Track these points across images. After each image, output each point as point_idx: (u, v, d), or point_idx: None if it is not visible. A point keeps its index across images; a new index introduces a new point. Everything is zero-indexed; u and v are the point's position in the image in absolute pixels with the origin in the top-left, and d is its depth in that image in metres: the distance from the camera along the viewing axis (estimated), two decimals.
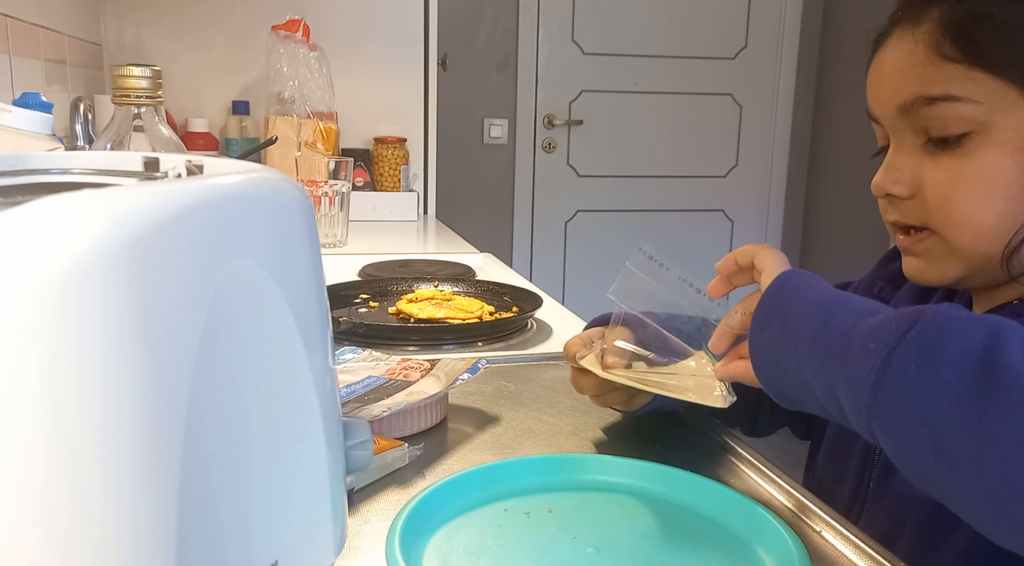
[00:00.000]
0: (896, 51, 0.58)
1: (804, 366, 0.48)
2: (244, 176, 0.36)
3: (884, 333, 0.44)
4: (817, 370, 0.47)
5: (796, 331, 0.48)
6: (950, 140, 0.55)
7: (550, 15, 3.15)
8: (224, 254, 0.33)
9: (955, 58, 0.54)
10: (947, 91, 0.55)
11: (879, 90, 0.60)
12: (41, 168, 0.43)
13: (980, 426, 0.40)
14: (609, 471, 0.56)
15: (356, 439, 0.45)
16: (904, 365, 0.42)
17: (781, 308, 0.50)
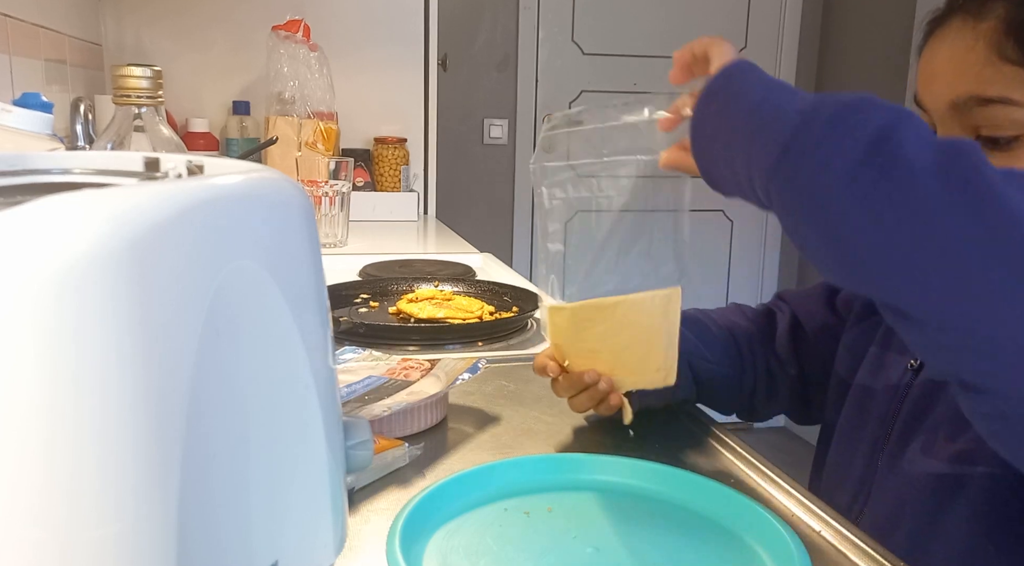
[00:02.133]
0: (953, 44, 0.57)
1: (734, 139, 0.49)
2: (244, 176, 0.36)
3: (810, 106, 0.45)
4: (742, 141, 0.48)
5: (734, 107, 0.49)
6: (1000, 141, 0.55)
7: (550, 15, 3.15)
8: (224, 254, 0.33)
9: (1016, 61, 0.54)
10: (1004, 94, 0.54)
11: (932, 82, 0.59)
12: (41, 168, 0.43)
13: (854, 184, 0.42)
14: (609, 471, 0.56)
15: (356, 439, 0.45)
16: (813, 129, 0.44)
17: (724, 88, 0.50)
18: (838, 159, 0.43)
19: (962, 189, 0.41)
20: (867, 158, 0.42)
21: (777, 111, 0.46)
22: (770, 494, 0.57)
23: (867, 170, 0.42)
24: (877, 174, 0.42)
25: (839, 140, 0.43)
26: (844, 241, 0.43)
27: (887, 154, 0.42)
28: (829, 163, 0.43)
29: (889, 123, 0.43)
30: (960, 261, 0.41)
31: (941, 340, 0.43)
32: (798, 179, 0.44)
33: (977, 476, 0.56)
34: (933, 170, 0.41)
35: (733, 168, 0.49)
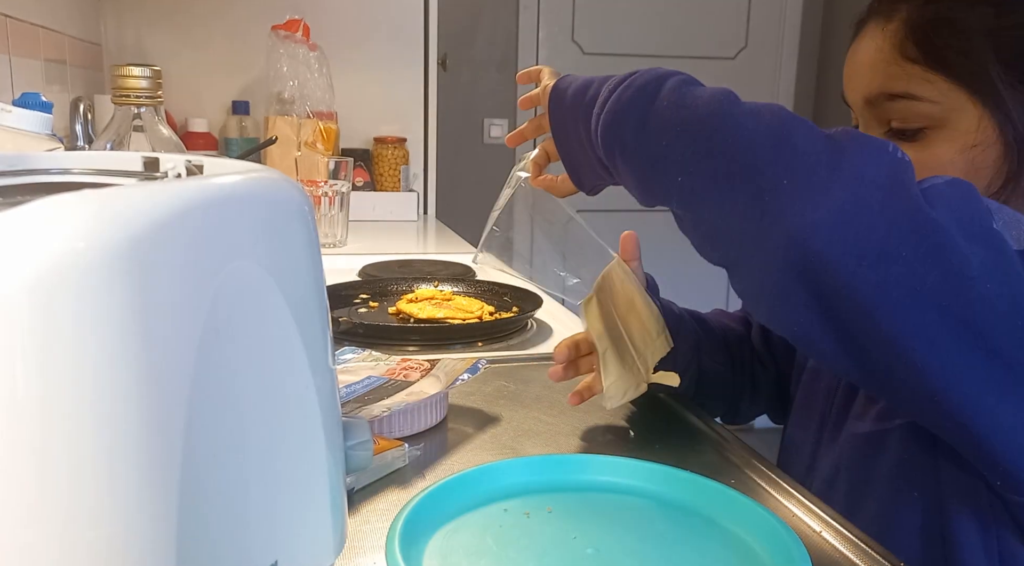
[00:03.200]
0: (867, 44, 0.62)
1: (576, 129, 0.61)
2: (244, 176, 0.36)
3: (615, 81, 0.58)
4: (585, 127, 0.59)
5: (570, 110, 0.61)
6: (908, 132, 0.60)
7: (550, 15, 3.15)
8: (224, 254, 0.33)
9: (916, 59, 0.58)
10: (907, 90, 0.59)
11: (851, 79, 0.64)
12: (41, 168, 0.43)
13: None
14: (609, 471, 0.56)
15: (356, 439, 0.45)
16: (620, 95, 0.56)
17: (560, 99, 0.63)
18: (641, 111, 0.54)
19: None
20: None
21: (592, 91, 0.59)
22: (770, 494, 0.57)
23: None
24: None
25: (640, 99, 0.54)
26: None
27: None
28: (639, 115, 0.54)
29: (667, 78, 0.55)
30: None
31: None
32: (616, 136, 0.55)
33: (895, 430, 0.61)
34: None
35: (587, 153, 0.60)
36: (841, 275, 0.45)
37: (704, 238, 0.52)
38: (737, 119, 0.49)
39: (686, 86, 0.53)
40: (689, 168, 0.50)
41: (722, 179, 0.48)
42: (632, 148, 0.54)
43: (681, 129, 0.50)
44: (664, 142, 0.51)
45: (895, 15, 0.60)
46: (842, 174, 0.45)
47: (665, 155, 0.51)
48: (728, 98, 0.51)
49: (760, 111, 0.49)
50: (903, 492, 0.60)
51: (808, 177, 0.46)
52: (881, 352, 0.46)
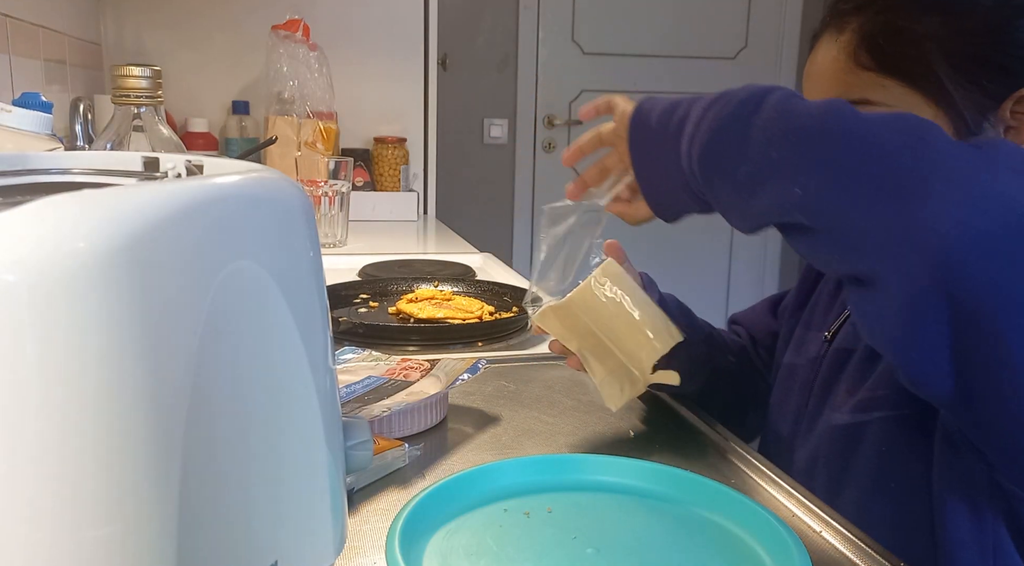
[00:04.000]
0: (823, 55, 0.65)
1: (662, 154, 0.57)
2: (244, 176, 0.36)
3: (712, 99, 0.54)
4: (668, 150, 0.56)
5: (656, 134, 0.58)
6: None
7: (550, 15, 3.15)
8: (224, 254, 0.33)
9: (870, 66, 0.61)
10: (863, 96, 0.61)
11: (810, 91, 0.67)
12: (41, 168, 0.43)
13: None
14: (609, 471, 0.56)
15: (356, 439, 0.45)
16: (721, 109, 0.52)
17: (644, 124, 0.60)
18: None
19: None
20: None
21: (686, 111, 0.55)
22: (770, 494, 0.57)
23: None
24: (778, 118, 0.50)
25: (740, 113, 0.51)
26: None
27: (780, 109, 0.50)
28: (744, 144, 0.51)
29: (769, 92, 0.51)
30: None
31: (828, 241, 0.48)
32: (719, 164, 0.53)
33: (874, 422, 0.61)
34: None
35: (673, 179, 0.56)
36: (991, 295, 0.42)
37: (834, 249, 0.49)
38: (865, 123, 0.47)
39: (790, 98, 0.51)
40: (814, 175, 0.47)
41: (858, 185, 0.46)
42: (735, 164, 0.51)
43: (798, 137, 0.48)
44: (776, 153, 0.49)
45: (847, 27, 0.62)
46: (1002, 186, 0.44)
47: (778, 166, 0.48)
48: (845, 105, 0.49)
49: (885, 115, 0.48)
50: (880, 483, 0.61)
51: (965, 182, 0.43)
52: (1005, 409, 0.45)
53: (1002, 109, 0.59)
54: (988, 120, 0.59)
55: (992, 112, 0.59)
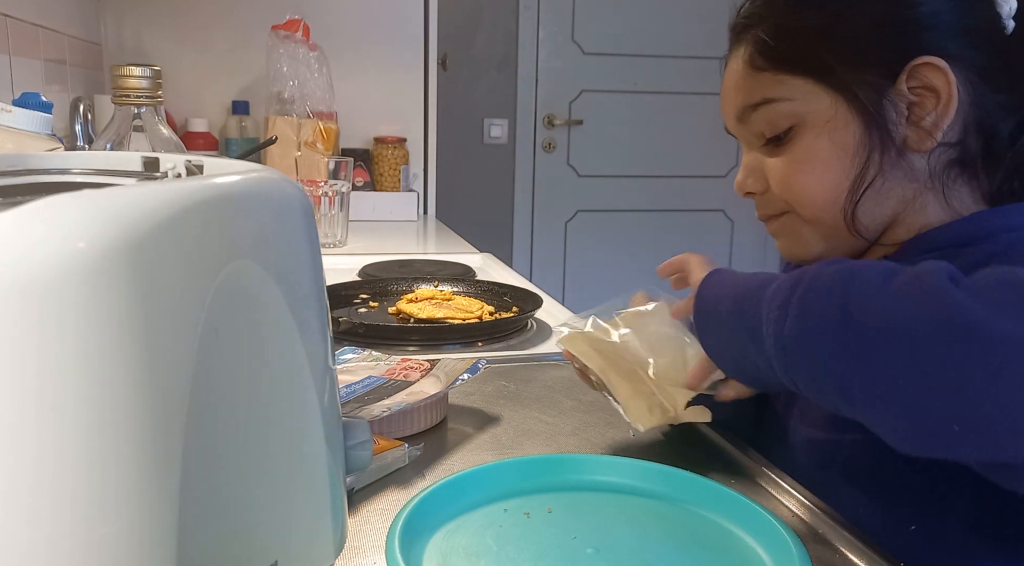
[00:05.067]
0: (729, 71, 0.68)
1: (739, 347, 0.54)
2: (244, 176, 0.36)
3: (776, 301, 0.50)
4: (745, 346, 0.53)
5: (724, 321, 0.56)
6: (780, 137, 0.64)
7: (550, 15, 3.15)
8: (224, 254, 0.33)
9: (765, 67, 0.63)
10: (764, 95, 0.63)
11: (723, 108, 0.69)
12: (41, 168, 0.43)
13: (856, 360, 0.45)
14: (609, 471, 0.56)
15: (356, 439, 0.45)
16: (792, 325, 0.49)
17: (710, 308, 0.58)
18: (826, 347, 0.47)
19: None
20: (847, 337, 0.46)
21: (755, 314, 0.52)
22: (770, 494, 0.57)
23: (850, 343, 0.46)
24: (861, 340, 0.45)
25: (817, 328, 0.47)
26: (856, 401, 0.46)
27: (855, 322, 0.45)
28: (821, 351, 0.47)
29: (843, 292, 0.47)
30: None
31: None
32: (807, 373, 0.48)
33: (847, 443, 0.61)
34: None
35: (754, 367, 0.54)
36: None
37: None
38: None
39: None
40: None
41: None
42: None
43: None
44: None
45: (744, 40, 0.65)
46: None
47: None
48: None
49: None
50: (856, 499, 0.59)
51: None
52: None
53: (898, 84, 0.59)
54: (888, 98, 0.60)
55: (889, 90, 0.60)
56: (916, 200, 0.62)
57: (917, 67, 0.59)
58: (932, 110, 0.59)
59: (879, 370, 0.44)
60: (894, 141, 0.60)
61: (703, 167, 3.31)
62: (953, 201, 0.61)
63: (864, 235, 0.63)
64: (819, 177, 0.62)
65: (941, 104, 0.59)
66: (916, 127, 0.60)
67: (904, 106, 0.60)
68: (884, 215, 0.62)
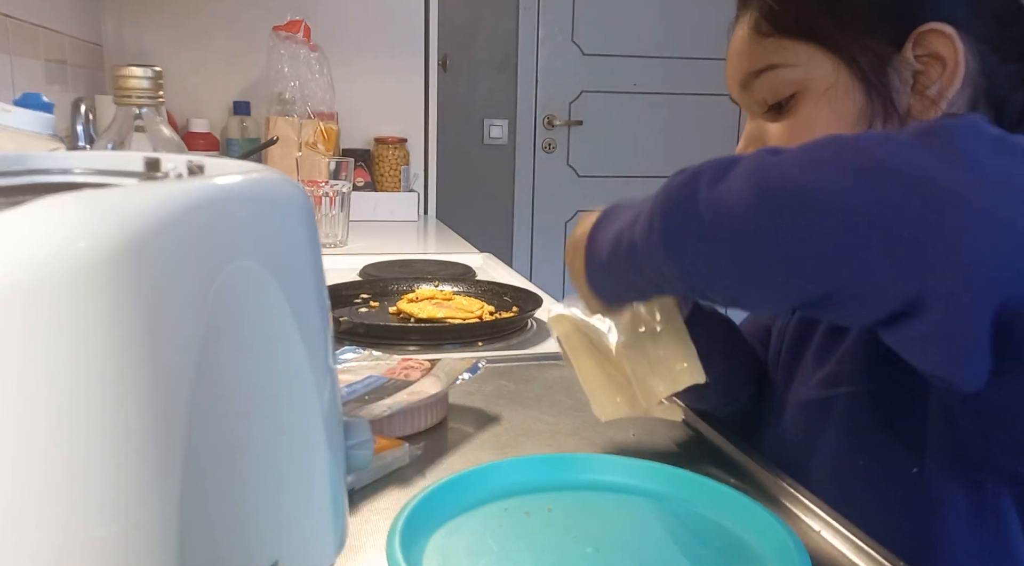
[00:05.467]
0: (734, 38, 0.67)
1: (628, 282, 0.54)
2: (245, 176, 0.36)
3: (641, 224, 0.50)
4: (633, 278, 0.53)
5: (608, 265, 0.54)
6: (783, 104, 0.63)
7: (550, 16, 3.15)
8: (225, 254, 0.33)
9: (770, 33, 0.62)
10: (768, 61, 0.63)
11: (728, 75, 0.68)
12: (42, 168, 0.43)
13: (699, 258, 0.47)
14: (609, 471, 0.56)
15: (357, 439, 0.45)
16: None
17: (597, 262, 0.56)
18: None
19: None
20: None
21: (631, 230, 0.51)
22: (770, 494, 0.57)
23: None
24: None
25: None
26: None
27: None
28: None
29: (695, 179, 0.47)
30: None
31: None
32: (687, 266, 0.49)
33: (840, 397, 0.62)
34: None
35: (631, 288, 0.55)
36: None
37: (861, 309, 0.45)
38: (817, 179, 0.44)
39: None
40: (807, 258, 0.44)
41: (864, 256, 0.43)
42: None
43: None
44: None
45: (748, 8, 0.65)
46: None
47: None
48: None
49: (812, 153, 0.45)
50: (848, 462, 0.60)
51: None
52: None
53: (903, 52, 0.58)
54: (892, 66, 0.59)
55: (894, 58, 0.59)
56: None
57: (923, 34, 0.58)
58: (938, 79, 0.58)
59: (717, 259, 0.46)
60: (897, 110, 0.59)
61: None
62: None
63: None
64: None
65: (947, 72, 0.58)
66: (921, 96, 0.59)
67: (909, 74, 0.59)
68: None
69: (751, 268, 0.45)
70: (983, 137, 0.41)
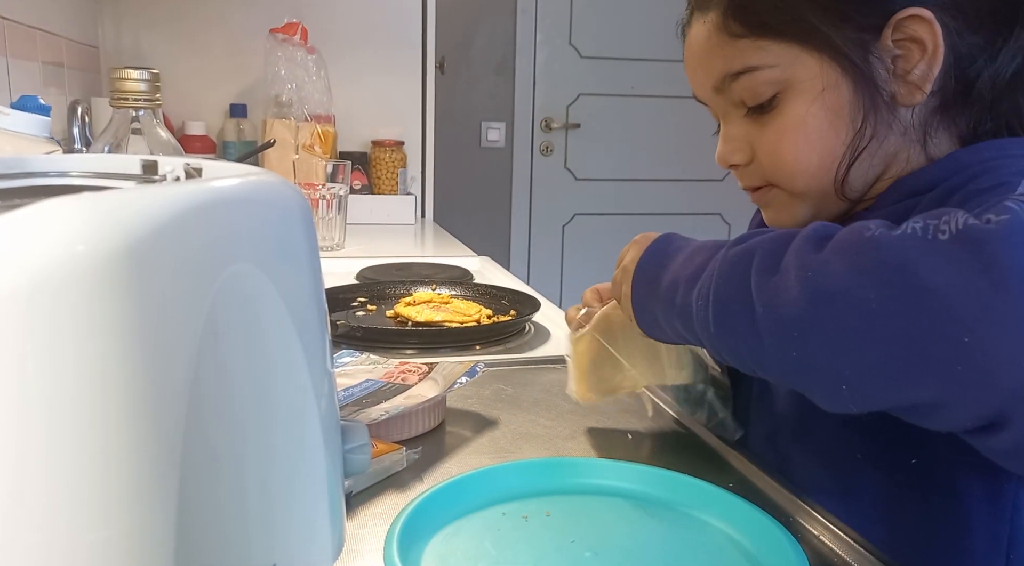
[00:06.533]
0: (695, 38, 0.64)
1: (667, 317, 0.55)
2: (242, 179, 0.36)
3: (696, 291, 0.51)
4: (680, 330, 0.54)
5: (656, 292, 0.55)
6: (764, 105, 0.61)
7: (547, 18, 3.15)
8: (223, 257, 0.33)
9: (742, 34, 0.60)
10: (745, 64, 0.60)
11: (694, 77, 0.66)
12: (39, 171, 0.43)
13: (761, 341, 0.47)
14: (607, 475, 0.56)
15: (354, 443, 0.45)
16: (712, 314, 0.50)
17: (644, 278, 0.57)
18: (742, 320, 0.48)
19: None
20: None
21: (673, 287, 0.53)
22: (769, 498, 0.57)
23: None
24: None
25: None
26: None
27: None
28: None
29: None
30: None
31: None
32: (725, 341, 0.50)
33: None
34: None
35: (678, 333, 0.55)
36: None
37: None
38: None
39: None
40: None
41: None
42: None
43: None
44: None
45: (710, 4, 0.62)
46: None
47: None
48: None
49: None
50: (847, 455, 0.59)
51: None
52: None
53: (883, 39, 0.57)
54: (874, 54, 0.58)
55: (874, 46, 0.58)
56: (901, 153, 0.60)
57: (902, 20, 0.57)
58: (918, 62, 0.57)
59: (770, 347, 0.46)
60: (884, 99, 0.58)
61: (700, 171, 3.31)
62: (931, 148, 0.60)
63: (852, 197, 0.62)
64: (812, 145, 0.60)
65: (928, 55, 0.57)
66: (904, 81, 0.58)
67: (889, 60, 0.58)
68: (873, 174, 0.61)
69: (802, 376, 0.46)
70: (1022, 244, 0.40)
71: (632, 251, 0.59)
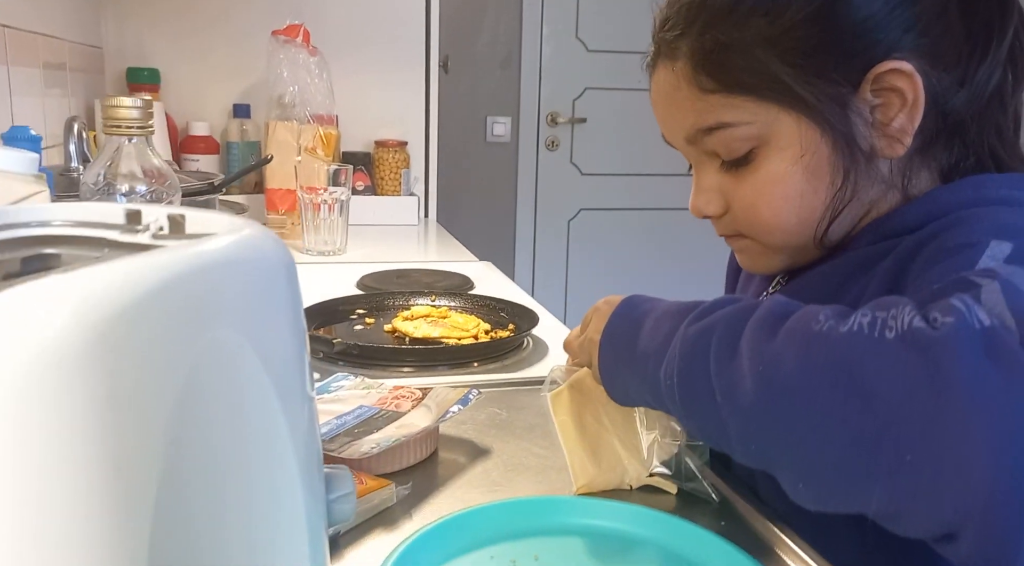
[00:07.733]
0: (662, 85, 0.62)
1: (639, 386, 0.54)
2: (225, 238, 0.36)
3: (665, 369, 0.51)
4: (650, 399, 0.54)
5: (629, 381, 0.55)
6: (740, 159, 0.59)
7: (553, 12, 3.13)
8: (201, 324, 0.32)
9: (714, 89, 0.58)
10: (719, 120, 0.58)
11: (664, 123, 0.64)
12: (20, 222, 0.42)
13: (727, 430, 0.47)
14: (598, 515, 0.56)
15: (339, 492, 0.45)
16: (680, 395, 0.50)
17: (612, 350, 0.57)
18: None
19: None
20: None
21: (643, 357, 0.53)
22: (762, 540, 0.56)
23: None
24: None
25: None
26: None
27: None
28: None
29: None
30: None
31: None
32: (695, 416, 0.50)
33: None
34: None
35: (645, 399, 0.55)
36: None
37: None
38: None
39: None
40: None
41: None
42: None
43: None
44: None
45: (678, 53, 0.59)
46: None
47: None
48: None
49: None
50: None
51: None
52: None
53: (861, 92, 0.56)
54: (852, 109, 0.56)
55: (852, 99, 0.56)
56: (881, 199, 0.60)
57: (882, 74, 0.55)
58: (898, 112, 0.56)
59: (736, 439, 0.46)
60: (863, 152, 0.57)
61: None
62: (911, 188, 0.59)
63: (829, 246, 0.61)
64: (791, 204, 0.59)
65: (908, 107, 0.56)
66: (884, 134, 0.57)
67: (868, 111, 0.56)
68: (852, 223, 0.60)
69: (766, 467, 0.46)
70: (976, 345, 0.38)
71: (595, 321, 0.58)
